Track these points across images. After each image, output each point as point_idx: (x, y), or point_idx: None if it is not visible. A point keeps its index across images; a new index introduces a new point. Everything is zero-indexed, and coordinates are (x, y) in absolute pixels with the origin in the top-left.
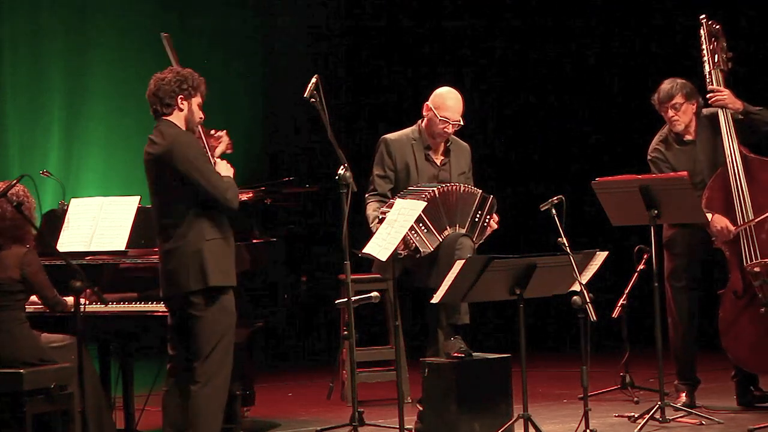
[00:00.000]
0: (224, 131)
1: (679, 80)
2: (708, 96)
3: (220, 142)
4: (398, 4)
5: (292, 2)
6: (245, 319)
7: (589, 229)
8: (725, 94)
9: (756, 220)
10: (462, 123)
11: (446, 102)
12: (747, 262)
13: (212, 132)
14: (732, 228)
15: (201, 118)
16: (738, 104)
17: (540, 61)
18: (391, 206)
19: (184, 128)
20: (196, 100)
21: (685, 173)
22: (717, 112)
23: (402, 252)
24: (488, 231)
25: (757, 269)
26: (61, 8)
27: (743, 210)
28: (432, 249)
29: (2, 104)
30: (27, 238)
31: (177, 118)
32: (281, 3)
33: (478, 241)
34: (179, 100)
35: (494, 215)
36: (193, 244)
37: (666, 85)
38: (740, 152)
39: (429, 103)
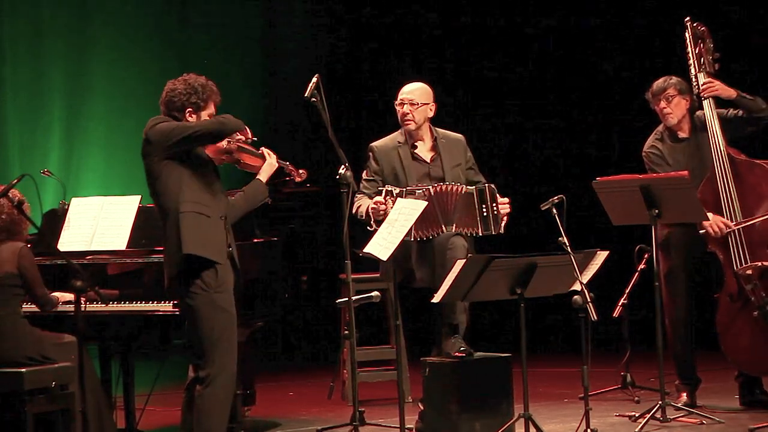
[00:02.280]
0: (264, 150)
1: (673, 76)
2: (701, 87)
3: (258, 160)
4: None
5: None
6: (245, 318)
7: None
8: (716, 84)
9: (747, 222)
10: (414, 99)
11: (400, 90)
12: (737, 266)
13: (260, 150)
14: (729, 224)
15: None
16: (731, 92)
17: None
18: (380, 193)
19: None
20: (207, 112)
21: (685, 173)
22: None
23: (372, 225)
24: (502, 218)
25: (749, 272)
26: (61, 8)
27: (732, 212)
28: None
29: (2, 104)
30: (22, 235)
31: None
32: (281, 2)
33: (497, 230)
34: (187, 114)
35: (501, 199)
36: (168, 229)
37: (659, 79)
38: (728, 155)
39: None
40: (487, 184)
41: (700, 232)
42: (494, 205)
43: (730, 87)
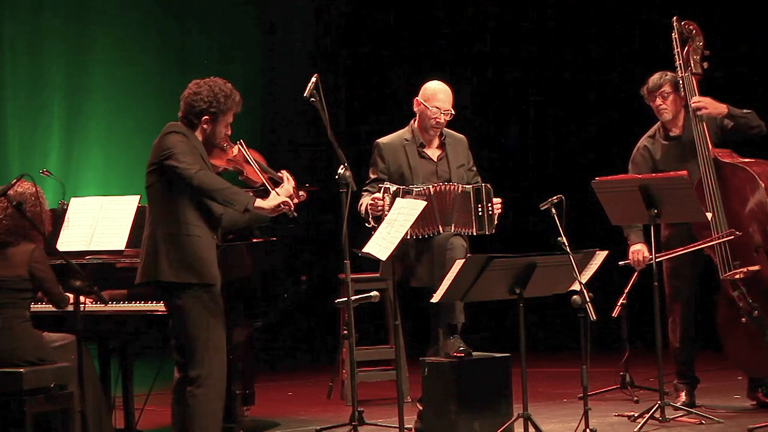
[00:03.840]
0: (286, 173)
1: (669, 72)
2: (691, 106)
3: (260, 177)
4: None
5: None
6: (245, 318)
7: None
8: (707, 105)
9: (671, 254)
10: (453, 112)
11: (436, 94)
12: (722, 273)
13: (278, 173)
14: (647, 257)
15: (226, 134)
16: (722, 108)
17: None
18: (380, 190)
19: (201, 141)
20: (224, 120)
21: (684, 172)
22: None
23: (370, 221)
24: (496, 219)
25: (738, 276)
26: (61, 8)
27: (716, 216)
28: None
29: (2, 104)
30: (36, 237)
31: (198, 134)
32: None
33: (491, 230)
34: (203, 120)
35: (495, 200)
36: (153, 235)
37: (655, 75)
38: (713, 159)
39: (418, 97)
40: (484, 184)
41: (620, 263)
42: (489, 205)
43: (720, 103)
